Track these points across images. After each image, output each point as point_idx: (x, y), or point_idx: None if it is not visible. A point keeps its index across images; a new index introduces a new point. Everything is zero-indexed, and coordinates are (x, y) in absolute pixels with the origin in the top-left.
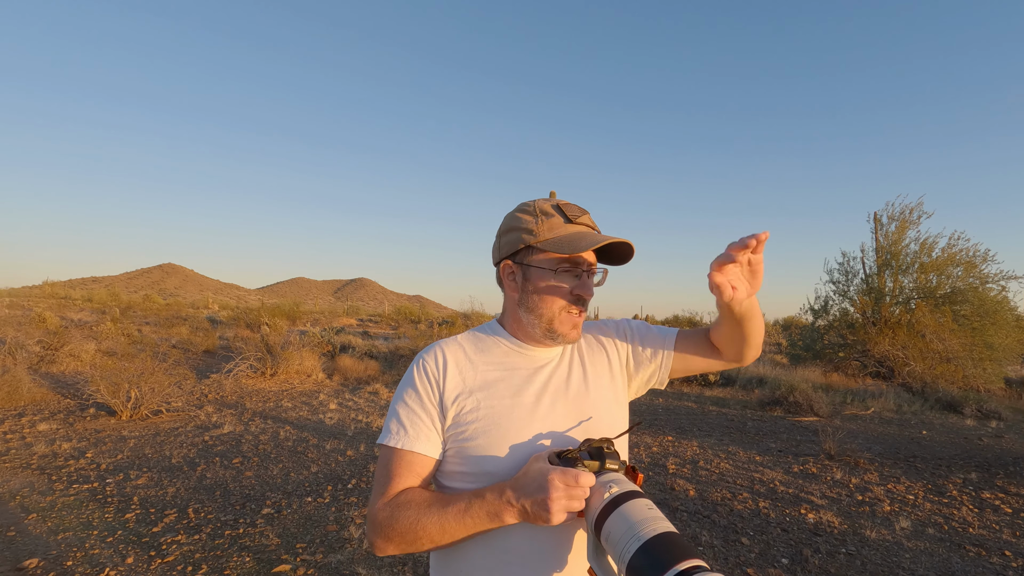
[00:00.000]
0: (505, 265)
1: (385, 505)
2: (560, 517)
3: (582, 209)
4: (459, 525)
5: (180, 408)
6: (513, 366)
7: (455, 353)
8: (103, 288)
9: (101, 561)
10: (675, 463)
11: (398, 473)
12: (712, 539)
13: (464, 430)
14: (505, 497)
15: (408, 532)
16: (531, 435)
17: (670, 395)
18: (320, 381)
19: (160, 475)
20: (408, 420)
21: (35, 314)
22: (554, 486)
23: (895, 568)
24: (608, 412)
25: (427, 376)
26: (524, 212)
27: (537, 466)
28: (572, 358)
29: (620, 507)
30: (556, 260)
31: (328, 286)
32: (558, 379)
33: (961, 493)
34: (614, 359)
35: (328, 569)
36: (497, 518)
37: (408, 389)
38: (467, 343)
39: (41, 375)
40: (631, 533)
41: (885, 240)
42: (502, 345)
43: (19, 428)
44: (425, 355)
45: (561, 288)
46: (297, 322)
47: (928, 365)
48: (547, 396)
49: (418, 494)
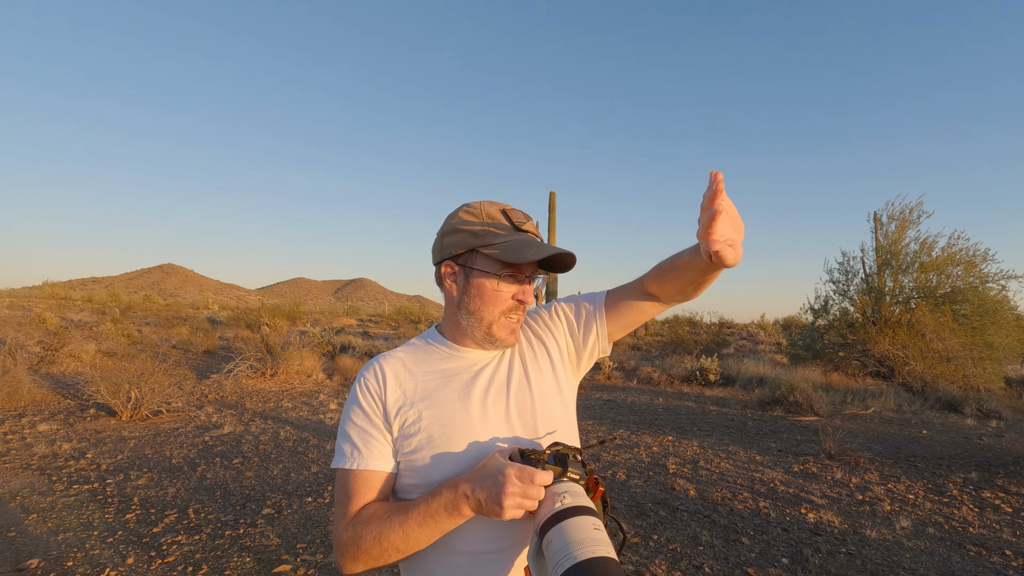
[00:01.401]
0: (447, 265)
1: (348, 525)
2: (512, 513)
3: (527, 216)
4: (422, 528)
5: (180, 408)
6: (452, 372)
7: (393, 366)
8: (103, 289)
9: (101, 562)
10: (675, 463)
11: (357, 492)
12: (712, 539)
13: (409, 443)
14: (461, 489)
15: (373, 546)
16: (477, 440)
17: (670, 395)
18: (320, 381)
19: (160, 475)
20: (360, 439)
21: (35, 315)
22: (510, 481)
23: (895, 567)
24: (552, 406)
25: (369, 392)
26: (469, 214)
27: (496, 460)
28: (512, 356)
29: (565, 521)
30: (500, 265)
31: (328, 286)
32: (499, 380)
33: (961, 492)
34: (553, 349)
35: (328, 569)
36: (455, 510)
37: (354, 408)
38: (405, 354)
39: (41, 376)
40: (567, 551)
41: (885, 239)
42: (440, 352)
43: (19, 429)
44: (365, 372)
45: (502, 293)
46: (297, 322)
47: (928, 364)
48: (490, 398)
49: (378, 507)
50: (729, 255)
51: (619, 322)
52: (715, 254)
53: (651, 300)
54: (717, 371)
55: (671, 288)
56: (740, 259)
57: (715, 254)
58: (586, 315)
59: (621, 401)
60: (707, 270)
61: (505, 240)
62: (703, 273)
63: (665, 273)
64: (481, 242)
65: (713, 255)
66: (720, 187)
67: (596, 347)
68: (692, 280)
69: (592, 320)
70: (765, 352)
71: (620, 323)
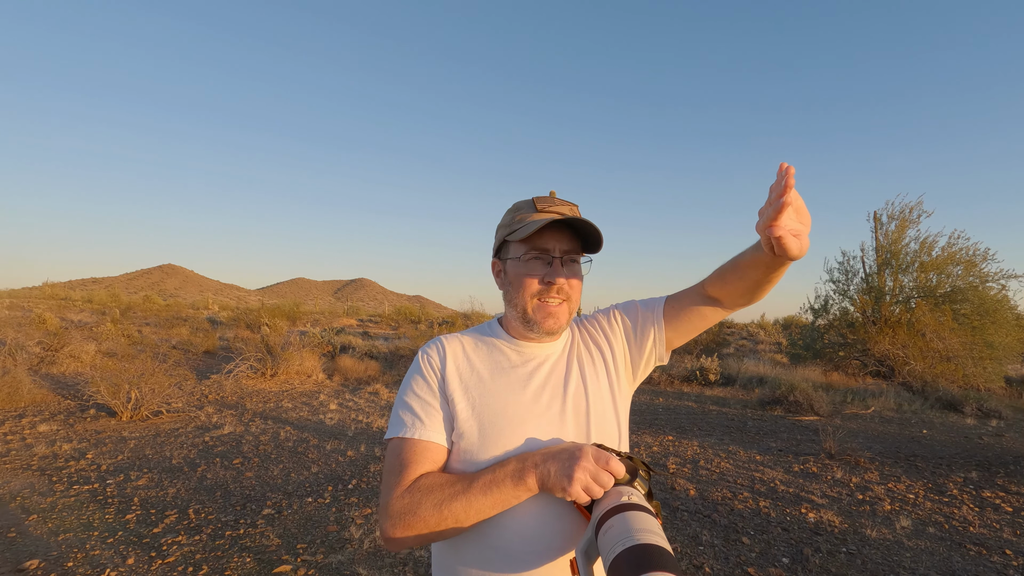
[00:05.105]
0: (494, 263)
1: (404, 492)
2: (578, 488)
3: (563, 201)
4: (484, 497)
5: (180, 409)
6: (510, 364)
7: (454, 348)
8: (103, 289)
9: (102, 562)
10: (675, 462)
11: (415, 461)
12: (713, 538)
13: (460, 425)
14: (531, 460)
15: (432, 514)
16: (528, 432)
17: (670, 395)
18: (320, 382)
19: (160, 476)
20: (422, 410)
21: (35, 315)
22: (586, 456)
23: (896, 567)
24: (606, 415)
25: (431, 366)
26: (508, 211)
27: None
28: (570, 357)
29: (629, 512)
30: (521, 247)
31: (328, 286)
32: (556, 378)
33: (961, 492)
34: (608, 356)
35: (329, 569)
36: (520, 481)
37: (417, 378)
38: (465, 339)
39: (41, 376)
40: (628, 534)
41: (885, 239)
42: (498, 343)
43: (19, 429)
44: (427, 348)
45: (530, 276)
46: (297, 323)
47: (928, 364)
48: (545, 395)
49: (437, 476)
50: (793, 244)
51: (679, 328)
52: (777, 241)
53: (713, 305)
54: (717, 371)
55: (734, 290)
56: (806, 250)
57: (777, 241)
58: (644, 321)
59: None
60: (771, 266)
61: (524, 222)
62: (767, 270)
63: (727, 275)
64: (508, 231)
65: (775, 242)
66: (791, 181)
67: (654, 354)
68: (756, 279)
69: (650, 326)
70: (765, 352)
71: (680, 329)
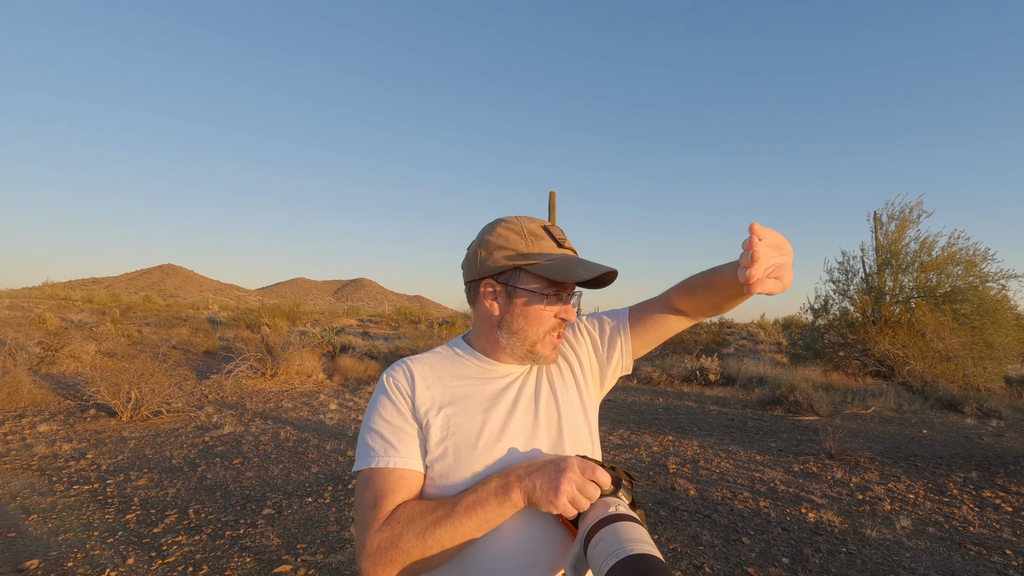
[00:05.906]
0: (487, 284)
1: (383, 526)
2: (564, 501)
3: (562, 231)
4: (469, 518)
5: (180, 409)
6: (481, 383)
7: (422, 370)
8: (103, 289)
9: (102, 562)
10: (675, 462)
11: (391, 491)
12: (712, 538)
13: (434, 448)
14: (514, 475)
15: (416, 544)
16: (503, 449)
17: (670, 395)
18: (320, 382)
19: (160, 476)
20: (394, 436)
21: (35, 315)
22: (571, 468)
23: (896, 567)
24: (578, 425)
25: (399, 390)
26: (510, 230)
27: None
28: (539, 373)
29: (618, 522)
30: (546, 284)
31: (328, 286)
32: (527, 395)
33: (962, 492)
34: (576, 367)
35: (329, 570)
36: (505, 497)
37: (385, 404)
38: (433, 360)
39: (41, 376)
40: (619, 545)
41: (885, 239)
42: (468, 362)
43: (19, 429)
44: (392, 371)
45: (547, 312)
46: (297, 322)
47: (928, 364)
48: (517, 412)
49: (420, 504)
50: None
51: (644, 338)
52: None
53: (678, 315)
54: (717, 371)
55: (704, 304)
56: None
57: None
58: (610, 332)
59: (621, 401)
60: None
61: (550, 258)
62: (744, 296)
63: (698, 289)
64: (525, 260)
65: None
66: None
67: (620, 364)
68: (730, 296)
69: (616, 337)
70: (765, 352)
71: (645, 339)
